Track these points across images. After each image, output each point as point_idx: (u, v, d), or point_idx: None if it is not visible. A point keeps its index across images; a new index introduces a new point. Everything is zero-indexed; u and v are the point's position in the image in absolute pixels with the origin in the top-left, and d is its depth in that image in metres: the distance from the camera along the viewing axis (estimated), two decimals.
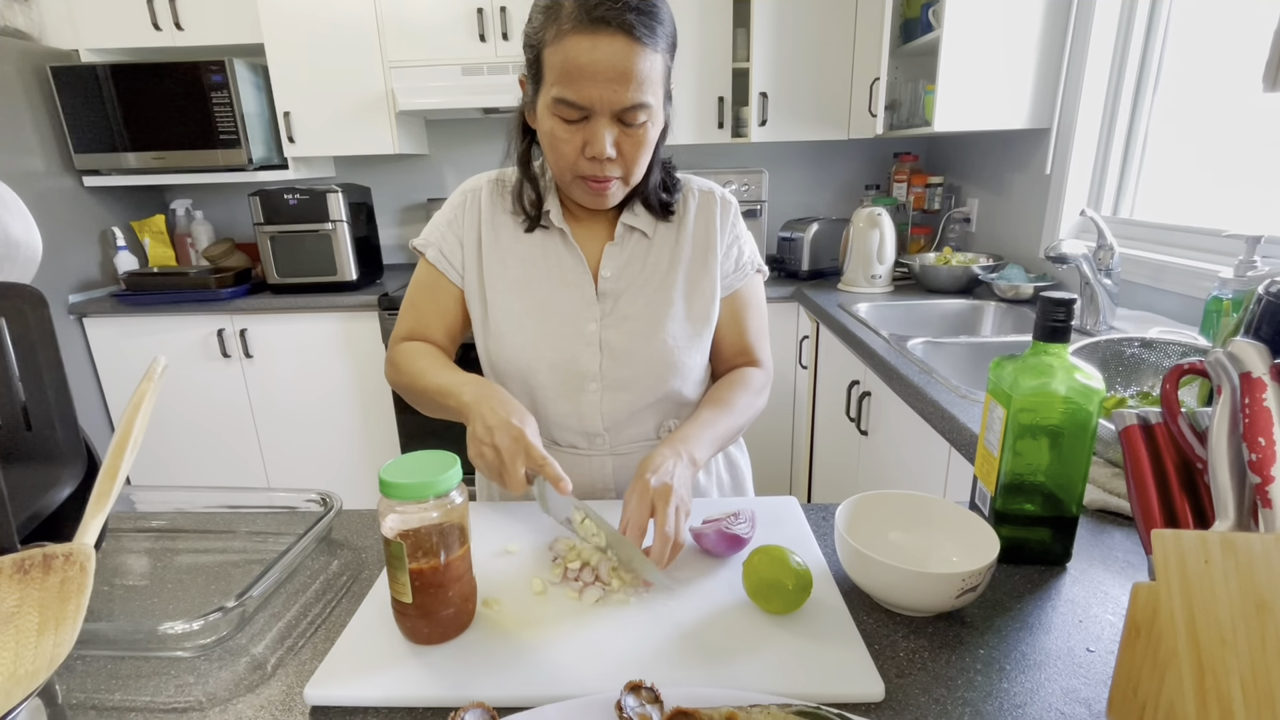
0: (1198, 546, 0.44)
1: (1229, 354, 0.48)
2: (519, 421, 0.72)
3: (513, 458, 0.70)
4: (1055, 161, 1.95)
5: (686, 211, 0.93)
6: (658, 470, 0.72)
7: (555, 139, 0.78)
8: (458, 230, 0.92)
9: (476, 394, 0.77)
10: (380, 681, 0.56)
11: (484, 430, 0.72)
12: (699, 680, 0.55)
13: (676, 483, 0.71)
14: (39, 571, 0.38)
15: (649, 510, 0.69)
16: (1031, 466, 0.67)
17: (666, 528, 0.67)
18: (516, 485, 0.70)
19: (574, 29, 0.72)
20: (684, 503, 0.71)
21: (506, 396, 0.77)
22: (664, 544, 0.66)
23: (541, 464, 0.70)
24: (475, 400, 0.76)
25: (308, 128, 2.48)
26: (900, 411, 1.43)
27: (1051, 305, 0.63)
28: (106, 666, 0.60)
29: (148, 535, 0.85)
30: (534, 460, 0.70)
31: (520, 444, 0.70)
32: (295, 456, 2.60)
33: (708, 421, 0.84)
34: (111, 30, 2.43)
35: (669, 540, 0.67)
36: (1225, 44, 1.55)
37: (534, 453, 0.70)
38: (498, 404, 0.74)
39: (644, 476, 0.72)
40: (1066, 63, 1.88)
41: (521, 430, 0.71)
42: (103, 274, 2.61)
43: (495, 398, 0.76)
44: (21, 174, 2.31)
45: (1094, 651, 0.58)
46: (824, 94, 2.43)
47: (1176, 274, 1.53)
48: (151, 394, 0.44)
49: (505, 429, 0.71)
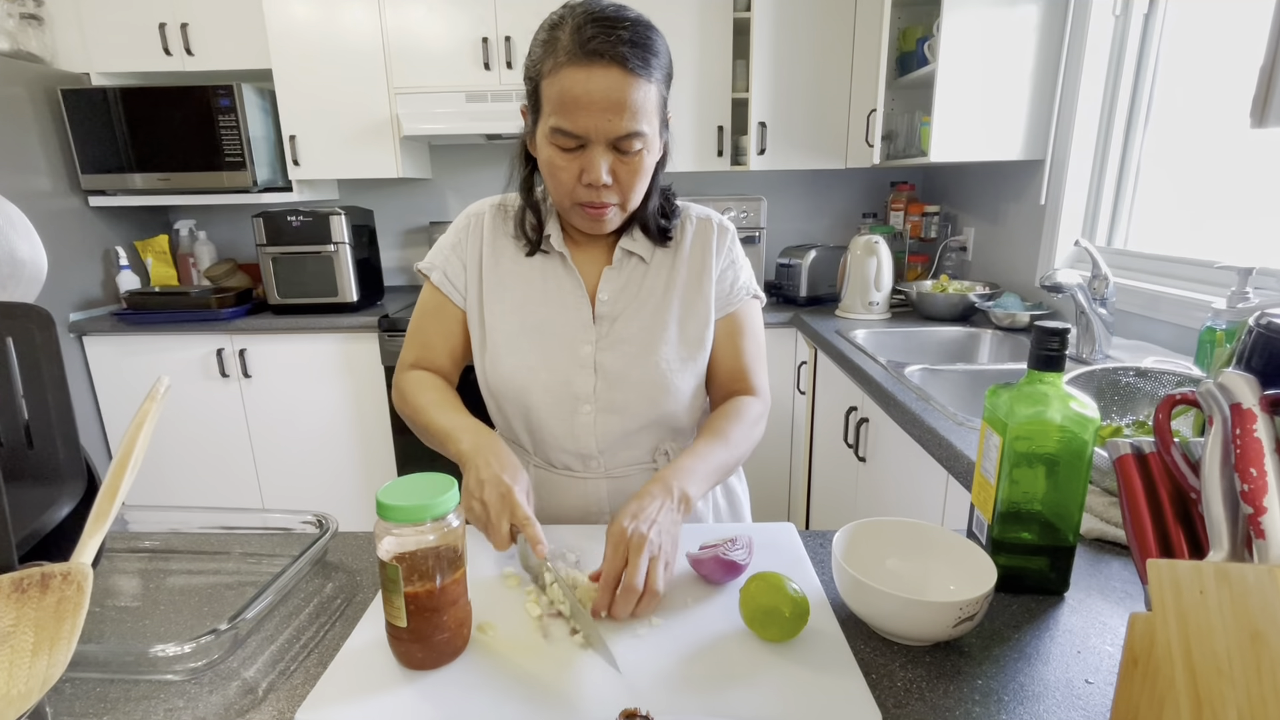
0: (1192, 577, 0.44)
1: (1219, 385, 0.49)
2: (509, 479, 0.73)
3: (498, 515, 0.71)
4: (1049, 192, 1.98)
5: (684, 237, 0.94)
6: (638, 515, 0.70)
7: (554, 167, 0.80)
8: (461, 253, 0.94)
9: (474, 444, 0.78)
10: (373, 707, 0.55)
11: (475, 484, 0.73)
12: (694, 708, 0.55)
13: (654, 532, 0.69)
14: (36, 590, 0.38)
15: (624, 559, 0.67)
16: (1028, 495, 0.67)
17: (635, 580, 0.65)
18: (499, 542, 0.71)
19: (570, 61, 0.74)
20: (664, 551, 0.68)
21: (503, 451, 0.77)
22: (627, 596, 0.64)
23: (524, 523, 0.70)
24: (472, 451, 0.77)
25: (313, 151, 2.52)
26: (898, 438, 1.43)
27: (1046, 334, 0.64)
28: (95, 689, 0.59)
29: (141, 556, 0.84)
30: (518, 518, 0.70)
31: (506, 501, 0.71)
32: (292, 477, 2.58)
33: (704, 455, 0.82)
34: (123, 55, 2.47)
35: (633, 593, 0.64)
36: (1214, 78, 1.58)
37: (518, 512, 0.70)
38: (493, 457, 0.75)
39: (621, 522, 0.69)
40: (1059, 96, 1.92)
41: (510, 488, 0.72)
42: (104, 293, 2.62)
43: (491, 450, 0.76)
44: (29, 193, 2.33)
45: (1092, 683, 0.58)
46: (822, 124, 2.47)
47: (1171, 304, 1.54)
48: (154, 414, 0.44)
49: (495, 485, 0.72)
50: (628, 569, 0.66)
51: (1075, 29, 1.85)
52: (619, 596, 0.65)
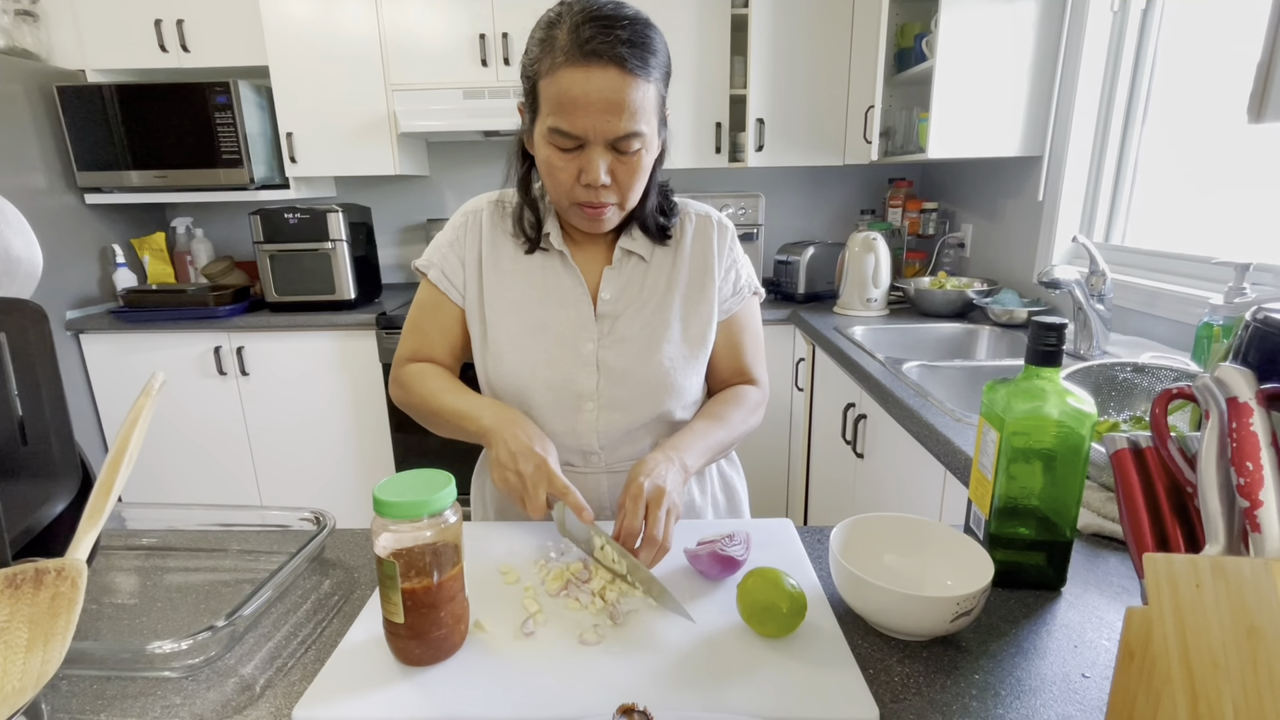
0: (1189, 570, 0.44)
1: (1215, 379, 0.49)
2: (541, 449, 0.76)
3: (535, 484, 0.73)
4: (1047, 188, 1.98)
5: (683, 235, 0.94)
6: (651, 473, 0.74)
7: (552, 166, 0.80)
8: (459, 251, 0.93)
9: (497, 418, 0.80)
10: (370, 703, 0.55)
11: (508, 456, 0.76)
12: (692, 704, 0.55)
13: (669, 485, 0.73)
14: (30, 587, 0.38)
15: (643, 514, 0.71)
16: (1025, 490, 0.67)
17: (657, 531, 0.69)
18: (538, 510, 0.73)
19: (567, 62, 0.74)
20: (675, 506, 0.73)
21: (527, 422, 0.80)
22: (652, 547, 0.69)
23: (564, 491, 0.73)
24: (497, 425, 0.79)
25: (310, 148, 2.51)
26: (896, 434, 1.44)
27: (1043, 330, 0.64)
28: (92, 686, 0.59)
29: (138, 553, 0.84)
30: (556, 488, 0.73)
31: (543, 471, 0.74)
32: (289, 475, 2.58)
33: (700, 432, 0.86)
34: (119, 52, 2.46)
35: (657, 543, 0.70)
36: (1212, 74, 1.58)
37: (556, 481, 0.73)
38: (520, 430, 0.78)
39: (638, 479, 0.73)
40: (1057, 92, 1.91)
41: (544, 458, 0.75)
42: (101, 290, 2.61)
43: (517, 423, 0.79)
44: (24, 190, 2.32)
45: (1089, 677, 0.58)
46: (820, 121, 2.47)
47: (1168, 300, 1.54)
48: (149, 410, 0.44)
49: (529, 456, 0.75)
50: (649, 520, 0.70)
51: (1073, 25, 1.85)
52: (643, 548, 0.70)
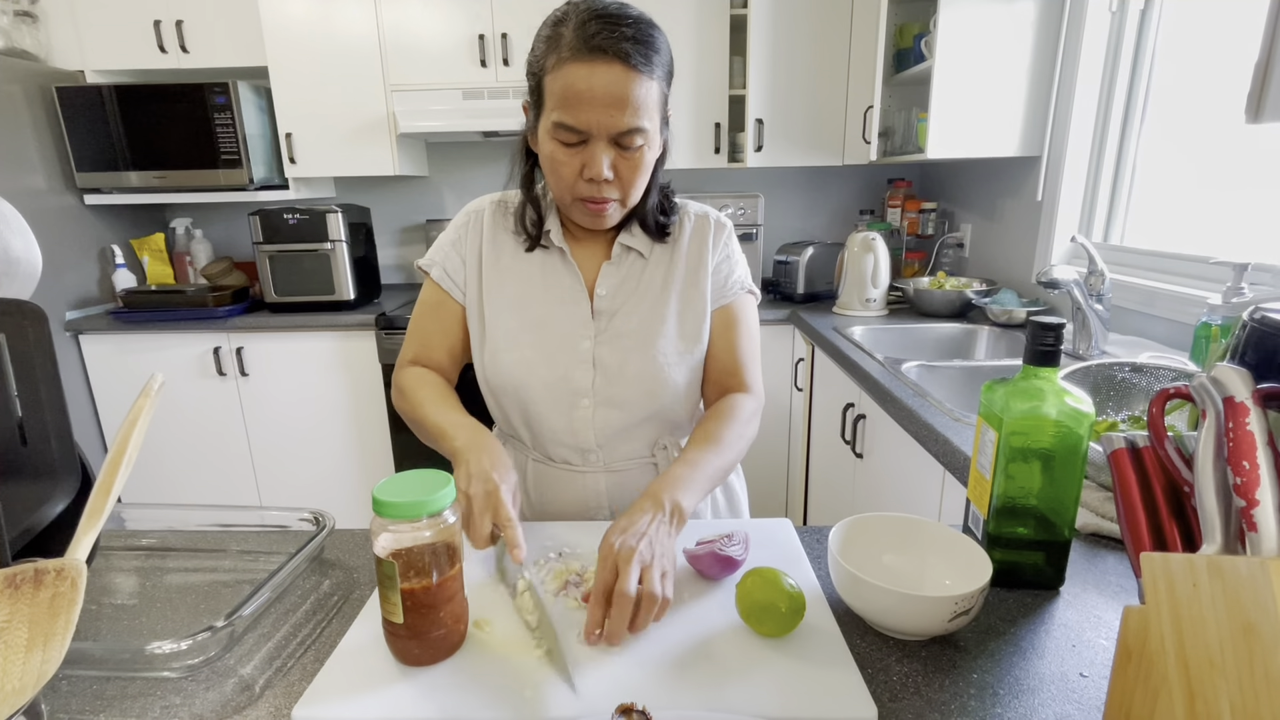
0: (1185, 570, 0.44)
1: (1212, 379, 0.49)
2: (498, 477, 0.71)
3: (481, 512, 0.69)
4: (1046, 188, 1.98)
5: (682, 233, 0.95)
6: (626, 530, 0.68)
7: (555, 162, 0.80)
8: (461, 250, 0.94)
9: (468, 441, 0.77)
10: (369, 703, 0.55)
11: (464, 479, 0.72)
12: (691, 703, 0.55)
13: (643, 544, 0.66)
14: (30, 587, 0.38)
15: (614, 573, 0.64)
16: (1024, 490, 0.67)
17: (626, 587, 0.62)
18: (478, 540, 0.69)
19: (573, 57, 0.74)
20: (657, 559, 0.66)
21: (496, 449, 0.76)
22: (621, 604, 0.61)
23: (505, 524, 0.68)
24: (465, 447, 0.76)
25: (309, 149, 2.51)
26: (895, 434, 1.44)
27: (1041, 329, 0.64)
28: (92, 687, 0.59)
29: (137, 553, 0.84)
30: (500, 519, 0.69)
31: (491, 500, 0.69)
32: (289, 475, 2.58)
33: (696, 463, 0.80)
34: (118, 53, 2.46)
35: (626, 600, 0.61)
36: (1210, 74, 1.58)
37: (502, 511, 0.69)
38: (484, 455, 0.74)
39: (610, 538, 0.68)
40: (1056, 92, 1.92)
41: (497, 486, 0.70)
42: (101, 291, 2.61)
43: (484, 448, 0.75)
44: (23, 191, 2.32)
45: (1087, 676, 0.58)
46: (819, 121, 2.47)
47: (1167, 300, 1.54)
48: (148, 411, 0.44)
49: (482, 481, 0.71)
50: (619, 580, 0.63)
51: (1072, 25, 1.85)
52: (614, 608, 0.62)
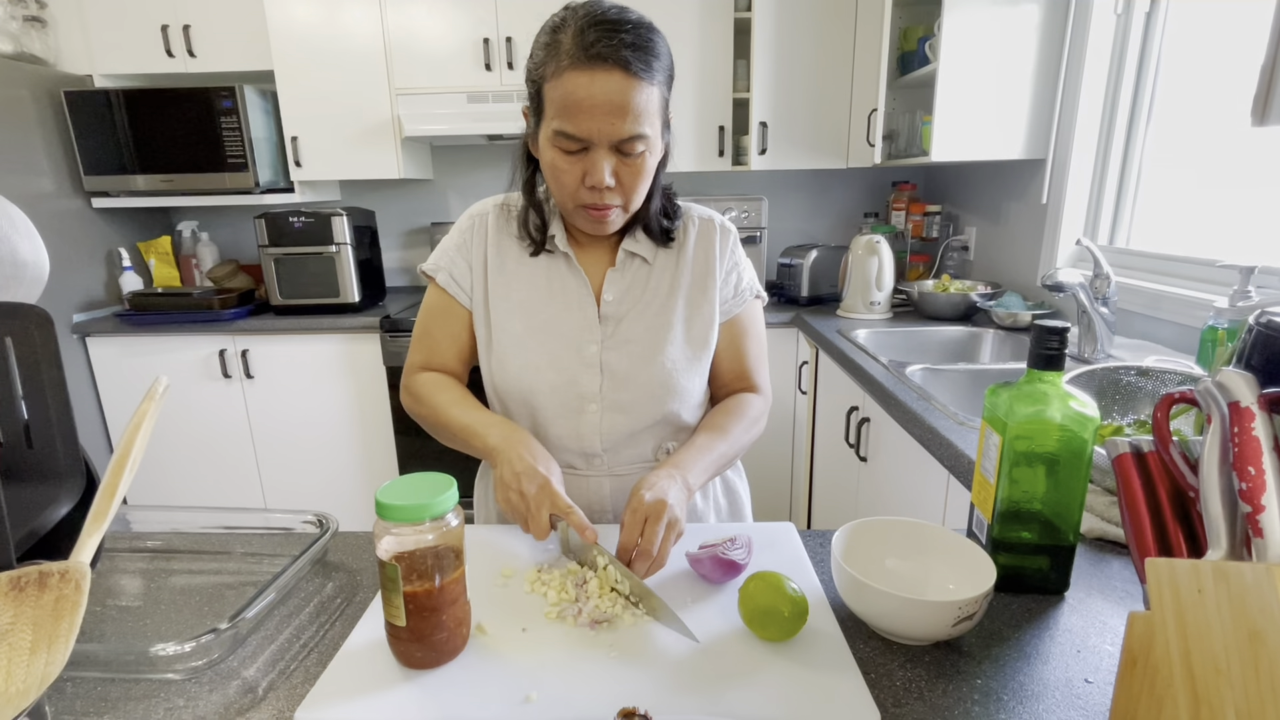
0: (1191, 575, 0.44)
1: (1217, 383, 0.48)
2: (545, 469, 0.76)
3: (538, 505, 0.74)
4: (1051, 191, 1.98)
5: (686, 238, 0.94)
6: (653, 487, 0.74)
7: (556, 169, 0.80)
8: (466, 254, 0.94)
9: (503, 438, 0.80)
10: (372, 706, 0.55)
11: (511, 476, 0.76)
12: (693, 707, 0.55)
13: (671, 498, 0.73)
14: (34, 589, 0.38)
15: (641, 528, 0.71)
16: (1028, 494, 0.67)
17: (652, 546, 0.69)
18: (541, 532, 0.74)
19: (572, 65, 0.74)
20: (676, 520, 0.72)
21: (533, 443, 0.80)
22: (646, 560, 0.69)
23: (567, 511, 0.73)
24: (502, 445, 0.79)
25: (314, 152, 2.52)
26: (899, 438, 1.43)
27: (1045, 333, 0.64)
28: (96, 688, 0.60)
29: (142, 555, 0.84)
30: (559, 508, 0.73)
31: (546, 492, 0.74)
32: (293, 477, 2.59)
33: (703, 447, 0.85)
34: (126, 57, 2.48)
35: (650, 557, 0.69)
36: (1216, 77, 1.58)
37: (559, 501, 0.74)
38: (524, 450, 0.78)
39: (639, 493, 0.74)
40: (1061, 95, 1.91)
41: (547, 479, 0.75)
42: (107, 294, 2.63)
43: (523, 443, 0.79)
44: (31, 195, 2.34)
45: (1092, 683, 0.57)
46: (823, 124, 2.47)
47: (1173, 303, 1.54)
48: (152, 413, 0.44)
49: (532, 476, 0.75)
50: (646, 535, 0.70)
51: (1077, 28, 1.85)
52: (637, 559, 0.69)
